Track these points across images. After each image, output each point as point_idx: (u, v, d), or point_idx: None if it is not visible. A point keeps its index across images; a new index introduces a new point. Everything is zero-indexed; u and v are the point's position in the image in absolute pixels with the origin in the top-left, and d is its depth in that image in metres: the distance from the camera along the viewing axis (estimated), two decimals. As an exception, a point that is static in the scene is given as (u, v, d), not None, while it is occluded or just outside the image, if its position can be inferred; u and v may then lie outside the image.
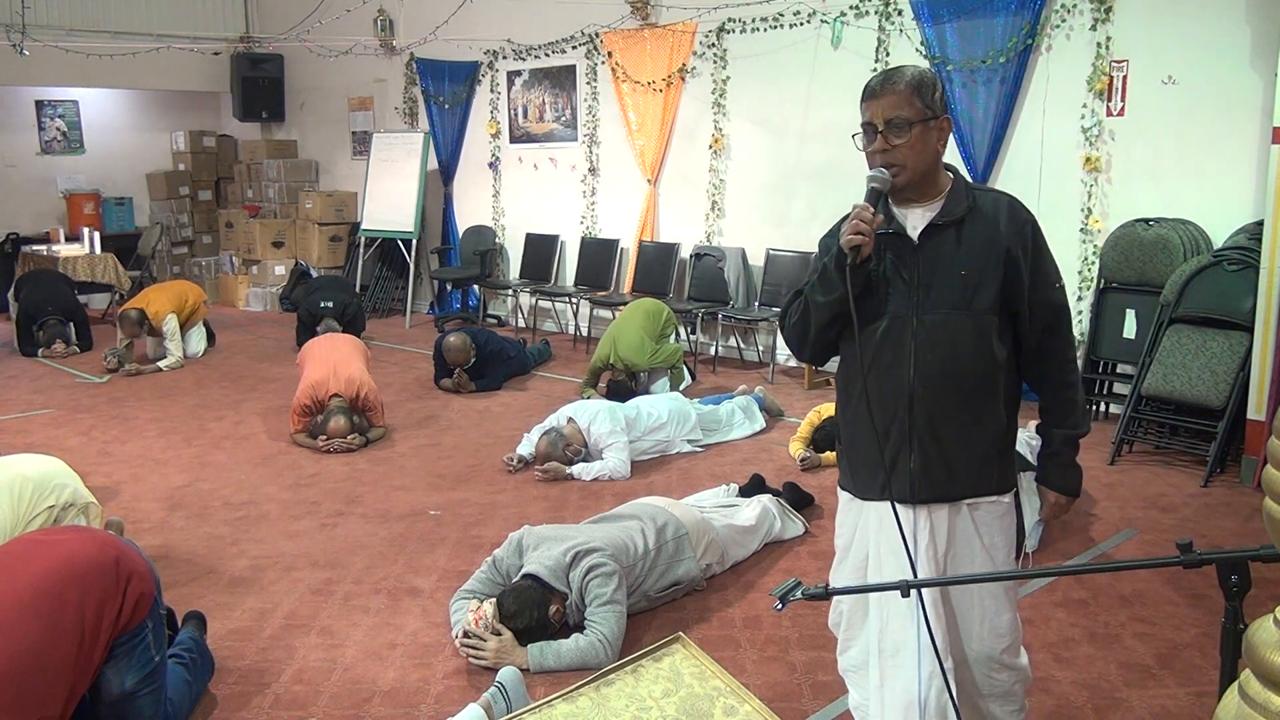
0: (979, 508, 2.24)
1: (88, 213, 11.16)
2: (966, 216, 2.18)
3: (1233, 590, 1.59)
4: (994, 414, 2.21)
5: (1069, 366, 2.27)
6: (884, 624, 2.28)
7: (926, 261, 2.17)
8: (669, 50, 7.99)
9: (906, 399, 2.18)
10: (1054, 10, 6.13)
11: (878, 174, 2.15)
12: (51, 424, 6.31)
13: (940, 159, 2.20)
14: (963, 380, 2.17)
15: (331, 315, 8.10)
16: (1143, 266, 5.61)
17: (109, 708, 2.61)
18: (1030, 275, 2.18)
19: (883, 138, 2.14)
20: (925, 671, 2.21)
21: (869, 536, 2.31)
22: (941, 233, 2.18)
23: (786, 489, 4.53)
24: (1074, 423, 2.28)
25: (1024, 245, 2.18)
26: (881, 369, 2.20)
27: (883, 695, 2.30)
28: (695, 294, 7.87)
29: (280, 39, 10.90)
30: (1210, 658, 3.22)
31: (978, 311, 2.15)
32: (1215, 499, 4.73)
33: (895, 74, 2.16)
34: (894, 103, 2.12)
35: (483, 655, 3.19)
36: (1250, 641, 1.21)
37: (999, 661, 2.30)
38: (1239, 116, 5.51)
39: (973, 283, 2.15)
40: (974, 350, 2.16)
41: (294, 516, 4.66)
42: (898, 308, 2.18)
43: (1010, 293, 2.17)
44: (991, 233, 2.17)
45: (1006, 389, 2.23)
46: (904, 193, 2.20)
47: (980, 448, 2.21)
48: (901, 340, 2.18)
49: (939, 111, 2.15)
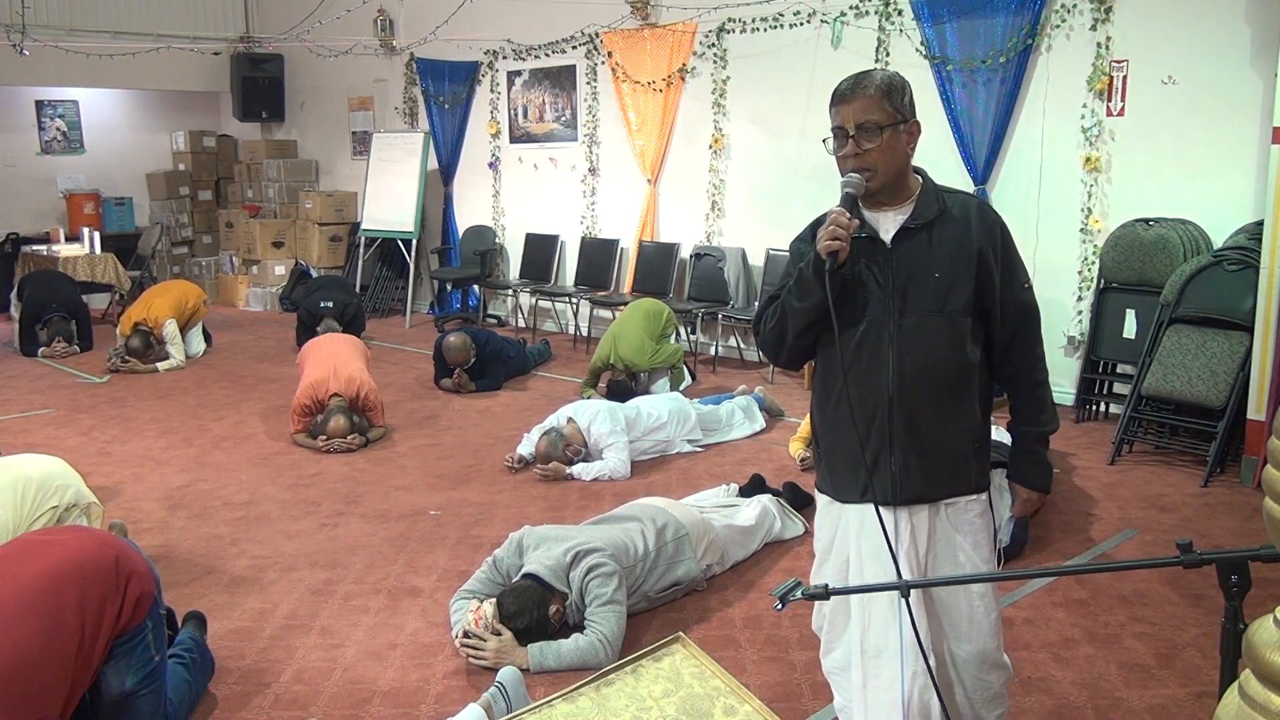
0: (957, 506, 2.26)
1: (88, 213, 11.16)
2: (937, 219, 2.20)
3: (1233, 590, 1.59)
4: (969, 413, 2.24)
5: (1039, 365, 2.30)
6: (866, 625, 2.29)
7: (900, 265, 2.18)
8: (669, 50, 7.99)
9: (886, 401, 2.19)
10: (1054, 10, 6.13)
11: (851, 178, 2.16)
12: (51, 424, 6.31)
13: (910, 162, 2.22)
14: (940, 382, 2.19)
15: (331, 315, 8.10)
16: (1143, 266, 5.61)
17: (109, 708, 2.61)
18: (1001, 276, 2.21)
19: (854, 142, 2.15)
20: (908, 672, 2.22)
21: (849, 539, 2.31)
22: (914, 236, 2.19)
23: (786, 489, 4.54)
24: (1045, 420, 2.31)
25: (994, 246, 2.20)
26: (861, 372, 2.21)
27: (866, 696, 2.30)
28: (695, 294, 7.87)
29: (280, 39, 10.91)
30: (1210, 658, 3.22)
31: (952, 313, 2.18)
32: (1215, 499, 4.73)
33: (865, 78, 2.17)
34: (864, 107, 2.13)
35: (483, 655, 3.19)
36: (1250, 641, 1.22)
37: (990, 661, 2.30)
38: (1239, 116, 5.51)
39: (946, 285, 2.17)
40: (950, 352, 2.19)
41: (294, 516, 4.66)
42: (875, 312, 2.19)
43: (982, 294, 2.20)
44: (962, 235, 2.19)
45: (981, 388, 2.27)
46: (876, 196, 2.21)
47: (958, 447, 2.23)
48: (880, 344, 2.19)
49: (908, 115, 2.17)
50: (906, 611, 2.08)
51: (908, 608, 2.01)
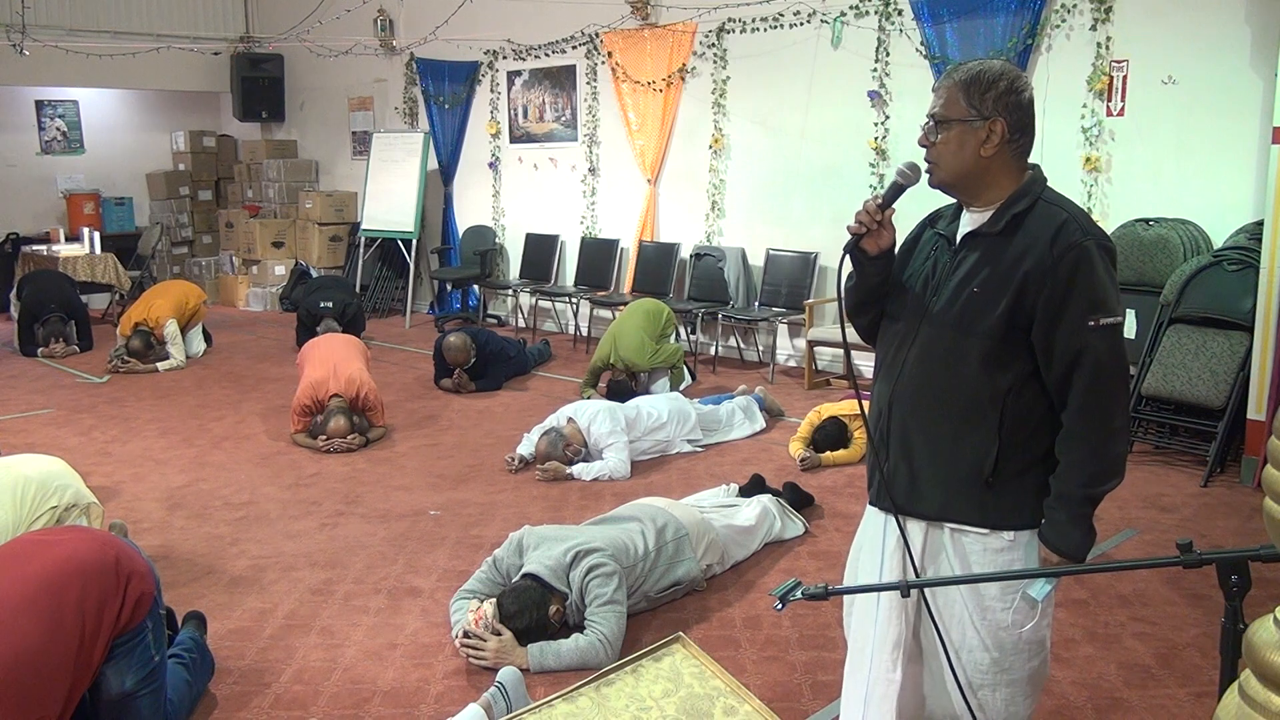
0: (965, 536, 2.12)
1: (88, 213, 11.16)
2: (1009, 230, 2.03)
3: (1233, 590, 1.59)
4: (983, 442, 2.05)
5: (1086, 414, 2.00)
6: (851, 619, 2.34)
7: (952, 271, 2.08)
8: (669, 50, 7.99)
9: (888, 404, 2.16)
10: (1054, 10, 6.13)
11: (906, 167, 2.07)
12: (51, 424, 6.31)
13: (990, 165, 2.04)
14: (944, 401, 2.07)
15: (331, 315, 8.10)
16: (1143, 266, 5.61)
17: (109, 708, 2.60)
18: (1056, 306, 1.96)
19: (925, 132, 2.09)
20: (877, 671, 2.24)
21: (863, 531, 2.35)
22: (979, 244, 2.07)
23: (786, 489, 4.53)
24: (1071, 477, 2.04)
25: (1055, 271, 1.96)
26: (884, 370, 2.20)
27: (846, 687, 2.37)
28: (695, 294, 7.87)
29: (280, 39, 10.91)
30: (1210, 658, 3.22)
31: (976, 333, 2.02)
32: (1215, 499, 4.73)
33: (956, 68, 2.07)
34: (943, 98, 2.05)
35: (483, 655, 3.19)
36: (1250, 641, 1.21)
37: (975, 688, 2.18)
38: (1239, 116, 5.51)
39: (980, 302, 2.02)
40: (961, 372, 2.05)
41: (294, 516, 4.66)
42: (910, 312, 2.14)
43: (1017, 320, 2.00)
44: (1022, 252, 2.00)
45: (1018, 420, 2.04)
46: (961, 196, 2.12)
47: (961, 472, 2.08)
48: (900, 347, 2.15)
49: (990, 114, 2.00)
50: (886, 610, 2.13)
51: (921, 604, 2.02)
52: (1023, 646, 2.15)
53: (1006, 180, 2.07)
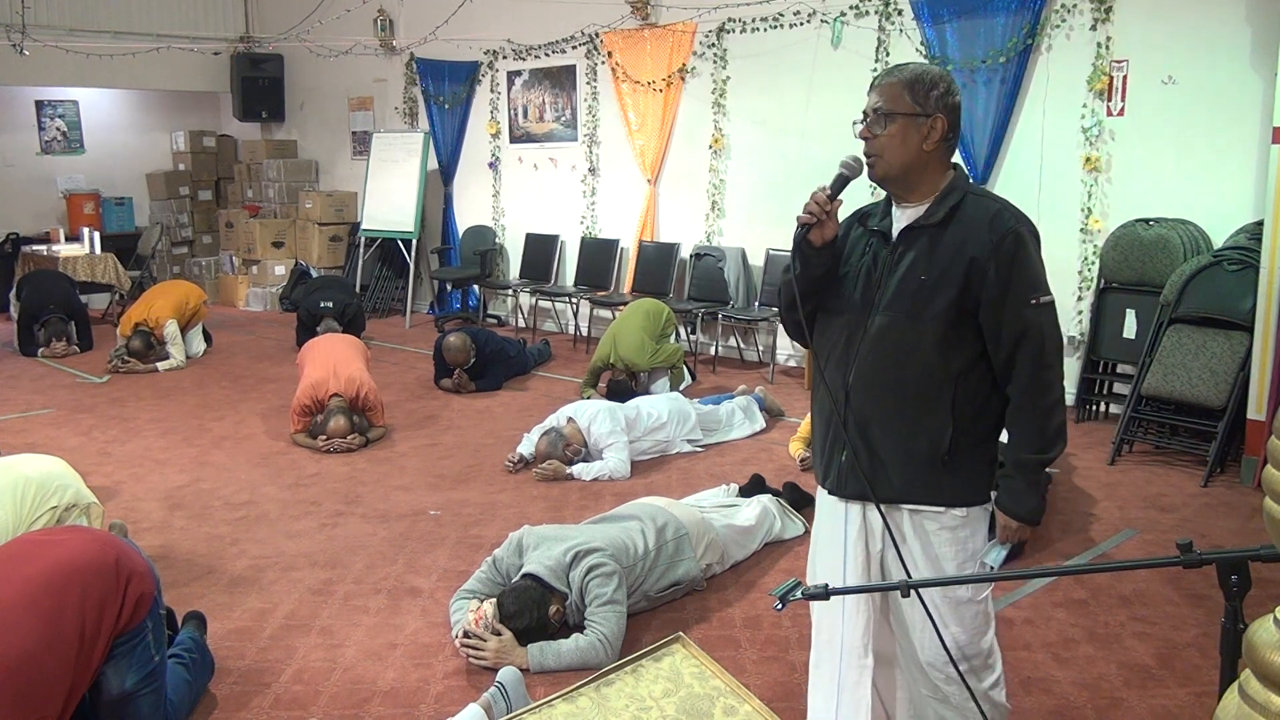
0: (923, 516, 2.21)
1: (88, 213, 11.15)
2: (946, 222, 2.14)
3: (1233, 590, 1.59)
4: (938, 423, 2.15)
5: (1036, 388, 2.13)
6: (820, 617, 2.37)
7: (894, 264, 2.18)
8: (669, 50, 7.99)
9: (843, 395, 2.22)
10: (1054, 10, 6.13)
11: (850, 159, 2.17)
12: (51, 424, 6.31)
13: (929, 159, 2.15)
14: (900, 385, 2.16)
15: (331, 315, 8.10)
16: (1143, 266, 5.61)
17: (109, 708, 2.61)
18: (999, 288, 2.09)
19: (866, 125, 2.17)
20: (844, 667, 2.27)
21: (820, 522, 2.41)
22: (918, 236, 2.17)
23: (786, 489, 4.54)
24: (1025, 446, 2.16)
25: (997, 256, 2.08)
26: (833, 362, 2.25)
27: (813, 680, 2.40)
28: (695, 294, 7.87)
29: (280, 39, 10.91)
30: (1210, 658, 3.22)
31: (927, 319, 2.12)
32: (1215, 499, 4.73)
33: (899, 67, 2.19)
34: (885, 93, 2.14)
35: (483, 655, 3.19)
36: (1250, 641, 1.22)
37: (944, 674, 2.24)
38: (1239, 116, 5.51)
39: (929, 290, 2.12)
40: (916, 357, 2.14)
41: (294, 516, 4.66)
42: (855, 305, 2.21)
43: (967, 304, 2.11)
44: (964, 240, 2.11)
45: (967, 400, 2.16)
46: (895, 191, 2.21)
47: (920, 454, 2.17)
48: (852, 337, 2.22)
49: (932, 111, 2.12)
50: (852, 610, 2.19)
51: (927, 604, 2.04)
52: (978, 611, 2.28)
53: (938, 176, 2.19)
